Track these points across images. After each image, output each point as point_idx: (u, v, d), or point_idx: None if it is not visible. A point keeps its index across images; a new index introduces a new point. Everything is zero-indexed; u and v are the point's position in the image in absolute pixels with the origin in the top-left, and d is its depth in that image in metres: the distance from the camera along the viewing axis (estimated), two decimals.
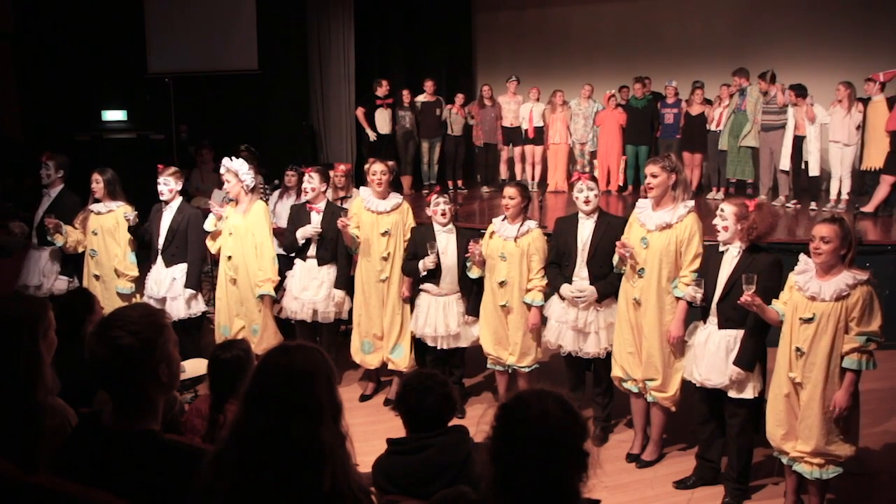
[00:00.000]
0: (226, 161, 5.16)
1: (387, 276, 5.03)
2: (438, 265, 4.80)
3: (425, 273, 4.81)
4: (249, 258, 5.12)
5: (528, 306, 4.60)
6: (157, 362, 1.85)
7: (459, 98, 9.99)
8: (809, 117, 7.91)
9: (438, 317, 4.86)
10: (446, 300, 4.86)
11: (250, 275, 5.14)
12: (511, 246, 4.57)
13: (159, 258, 5.24)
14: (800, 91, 8.03)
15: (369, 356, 5.23)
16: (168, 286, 5.19)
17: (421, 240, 4.85)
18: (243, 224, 5.11)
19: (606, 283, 4.38)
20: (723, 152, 8.89)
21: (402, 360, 5.12)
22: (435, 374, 2.74)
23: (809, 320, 3.44)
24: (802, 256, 3.60)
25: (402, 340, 5.11)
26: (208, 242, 5.22)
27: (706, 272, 3.91)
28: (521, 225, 4.60)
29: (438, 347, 4.92)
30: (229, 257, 5.13)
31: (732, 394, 3.81)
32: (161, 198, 5.20)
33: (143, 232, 5.30)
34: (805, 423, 3.52)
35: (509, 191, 4.62)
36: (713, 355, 3.84)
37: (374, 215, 5.01)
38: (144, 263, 5.44)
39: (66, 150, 6.03)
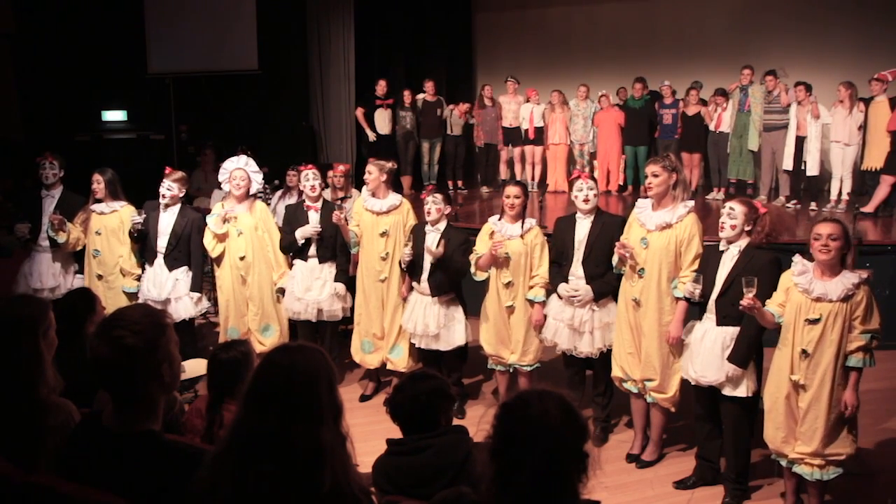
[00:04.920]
0: (239, 160, 5.16)
1: (386, 277, 5.04)
2: (419, 262, 4.81)
3: (405, 267, 4.88)
4: (261, 256, 5.20)
5: (531, 303, 4.61)
6: (160, 362, 1.85)
7: (464, 106, 9.97)
8: (815, 115, 7.91)
9: (419, 315, 4.86)
10: (429, 300, 4.84)
11: (262, 273, 5.21)
12: (517, 244, 4.58)
13: (159, 260, 5.21)
14: (806, 88, 8.04)
15: (369, 356, 5.23)
16: (171, 288, 5.19)
17: (415, 237, 4.88)
18: (251, 222, 5.13)
19: (602, 283, 4.38)
20: (727, 153, 8.92)
21: (400, 360, 5.12)
22: (427, 376, 2.70)
23: (815, 321, 3.44)
24: (797, 257, 3.59)
25: (402, 341, 5.11)
26: (209, 244, 5.18)
27: (704, 269, 3.90)
28: (523, 222, 4.61)
29: (416, 346, 4.94)
30: (242, 258, 5.15)
31: (727, 391, 3.80)
32: (161, 200, 5.19)
33: (145, 231, 5.26)
34: (807, 424, 3.51)
35: (513, 190, 4.61)
36: (709, 352, 3.83)
37: (374, 216, 5.02)
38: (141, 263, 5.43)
39: (66, 150, 6.02)
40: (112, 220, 5.32)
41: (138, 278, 5.37)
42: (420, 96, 9.92)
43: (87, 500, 1.75)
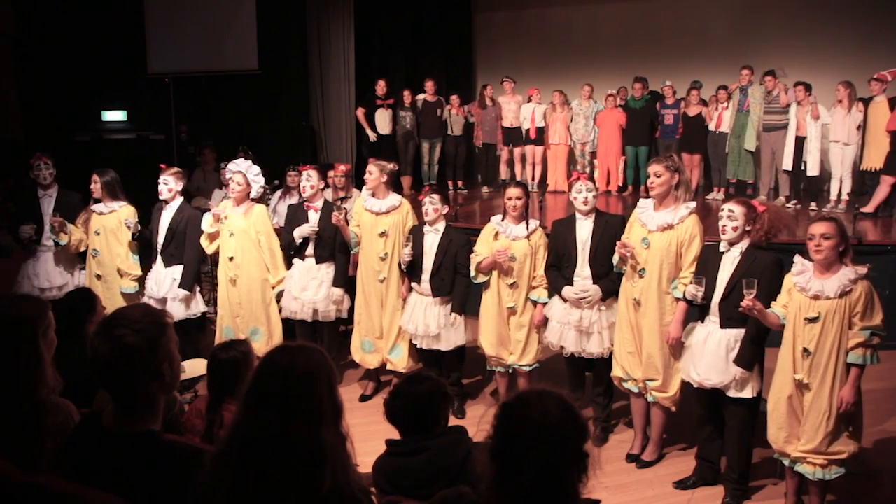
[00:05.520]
0: (240, 164, 5.17)
1: (385, 277, 5.04)
2: (419, 263, 4.81)
3: (405, 268, 4.89)
4: (252, 259, 5.15)
5: (534, 303, 4.61)
6: (160, 361, 1.85)
7: (455, 99, 9.99)
8: (814, 115, 7.91)
9: (419, 316, 4.86)
10: (429, 300, 4.85)
11: (252, 276, 5.16)
12: (523, 245, 4.57)
13: (159, 258, 5.26)
14: (806, 88, 8.03)
15: (369, 355, 5.23)
16: (168, 287, 5.20)
17: (414, 238, 4.90)
18: (245, 225, 5.12)
19: (609, 282, 4.38)
20: (726, 153, 8.92)
21: (400, 360, 5.11)
22: (424, 378, 2.68)
23: (814, 320, 3.44)
24: (797, 258, 3.60)
25: (401, 341, 5.11)
26: (204, 243, 5.21)
27: (704, 271, 3.89)
28: (527, 223, 4.61)
29: (418, 347, 4.95)
30: (231, 258, 5.14)
31: (732, 393, 3.81)
32: (160, 197, 5.22)
33: (147, 234, 5.30)
34: (810, 422, 3.52)
35: (515, 191, 4.61)
36: (713, 354, 3.83)
37: (373, 216, 5.02)
38: (146, 263, 5.45)
39: (65, 150, 6.03)
40: (111, 220, 5.32)
41: (137, 279, 5.37)
42: (420, 96, 9.92)
43: (86, 500, 1.75)
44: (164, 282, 5.22)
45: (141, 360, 1.82)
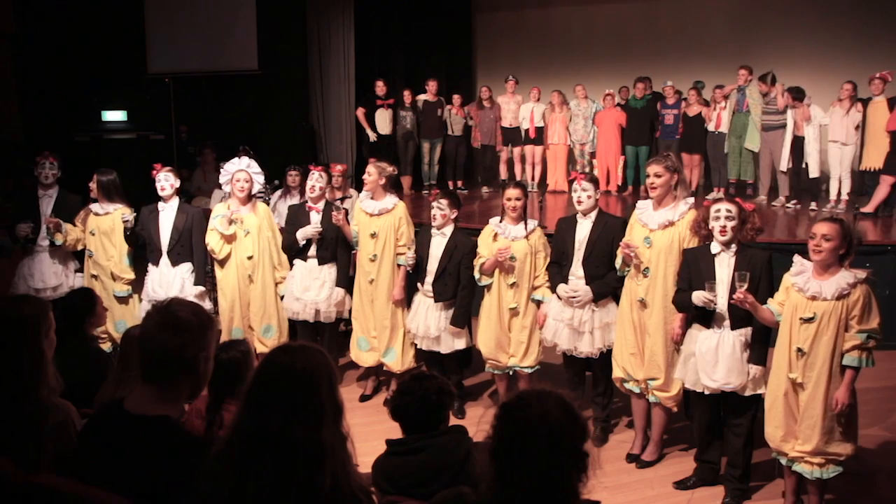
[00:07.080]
0: (239, 162, 5.17)
1: (373, 278, 5.04)
2: (423, 265, 4.82)
3: (411, 270, 4.90)
4: (267, 256, 5.21)
5: (538, 303, 4.62)
6: (200, 350, 1.90)
7: (457, 99, 10.00)
8: (804, 117, 7.92)
9: (421, 317, 4.87)
10: (432, 302, 4.85)
11: (267, 273, 5.23)
12: (523, 245, 4.57)
13: (164, 258, 5.21)
14: (797, 94, 8.03)
15: (364, 353, 5.24)
16: (179, 287, 5.17)
17: (419, 240, 4.89)
18: (258, 222, 5.16)
19: (602, 284, 4.37)
20: (724, 153, 8.91)
21: (394, 363, 5.11)
22: (426, 377, 2.71)
23: (810, 320, 3.44)
24: (797, 257, 3.59)
25: (394, 344, 5.09)
26: (216, 245, 5.12)
27: (698, 274, 3.83)
28: (526, 223, 4.61)
29: (418, 347, 4.96)
30: (249, 257, 5.15)
31: (748, 392, 3.80)
32: (162, 193, 5.18)
33: (139, 236, 5.24)
34: (806, 422, 3.51)
35: (514, 192, 4.60)
36: (730, 357, 3.77)
37: (368, 217, 5.03)
38: (141, 265, 5.42)
39: (65, 150, 6.02)
40: (105, 221, 5.30)
41: (129, 282, 5.36)
42: (421, 97, 9.92)
43: (87, 499, 1.75)
44: (173, 283, 5.18)
45: (189, 335, 1.87)
